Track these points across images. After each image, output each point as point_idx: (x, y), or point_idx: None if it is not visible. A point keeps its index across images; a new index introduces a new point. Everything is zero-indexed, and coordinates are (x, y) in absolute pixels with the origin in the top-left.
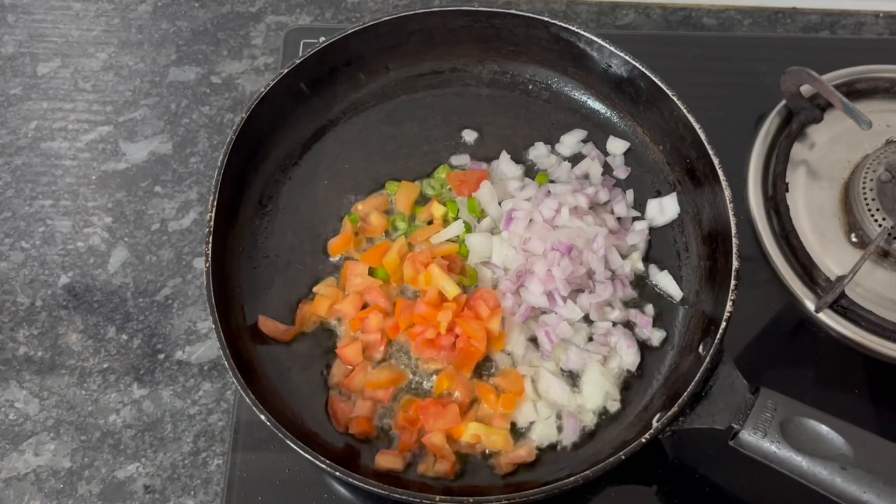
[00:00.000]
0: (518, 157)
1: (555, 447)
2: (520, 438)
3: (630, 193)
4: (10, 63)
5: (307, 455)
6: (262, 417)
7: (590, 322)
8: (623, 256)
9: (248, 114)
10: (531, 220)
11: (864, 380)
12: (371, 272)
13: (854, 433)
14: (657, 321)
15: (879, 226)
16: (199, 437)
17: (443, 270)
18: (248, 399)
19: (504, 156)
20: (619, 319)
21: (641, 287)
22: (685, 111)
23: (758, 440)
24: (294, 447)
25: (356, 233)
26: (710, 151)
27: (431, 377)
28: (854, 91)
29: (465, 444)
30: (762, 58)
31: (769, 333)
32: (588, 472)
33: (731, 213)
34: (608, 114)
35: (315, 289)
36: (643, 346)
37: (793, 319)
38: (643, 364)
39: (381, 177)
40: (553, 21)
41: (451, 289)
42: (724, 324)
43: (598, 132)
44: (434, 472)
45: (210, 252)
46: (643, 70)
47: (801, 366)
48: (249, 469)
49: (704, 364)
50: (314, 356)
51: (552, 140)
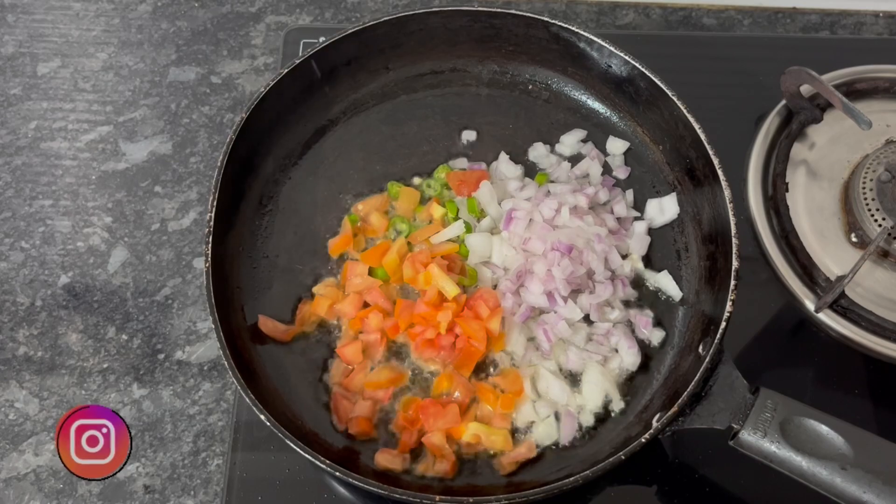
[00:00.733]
0: (518, 158)
1: (555, 447)
2: (519, 438)
3: (630, 193)
4: (10, 63)
5: (307, 455)
6: (262, 417)
7: (590, 322)
8: (623, 256)
9: (248, 114)
10: (531, 220)
11: (864, 380)
12: (371, 272)
13: (854, 433)
14: (657, 321)
15: (879, 226)
16: (199, 437)
17: (442, 270)
18: (248, 399)
19: (503, 156)
20: (619, 319)
21: (641, 287)
22: (685, 111)
23: (758, 440)
24: (294, 447)
25: (356, 233)
26: (710, 151)
27: (431, 377)
28: (854, 91)
29: (466, 444)
30: (762, 58)
31: (769, 333)
32: (588, 472)
33: (731, 214)
34: (608, 114)
35: (315, 289)
36: (643, 347)
37: (793, 319)
38: (643, 364)
39: (381, 177)
40: (553, 21)
41: (451, 289)
42: (724, 324)
43: (598, 132)
44: (434, 472)
45: (210, 252)
46: (643, 70)
47: (801, 366)
48: (249, 469)
49: (704, 364)
50: (314, 356)
51: (552, 140)
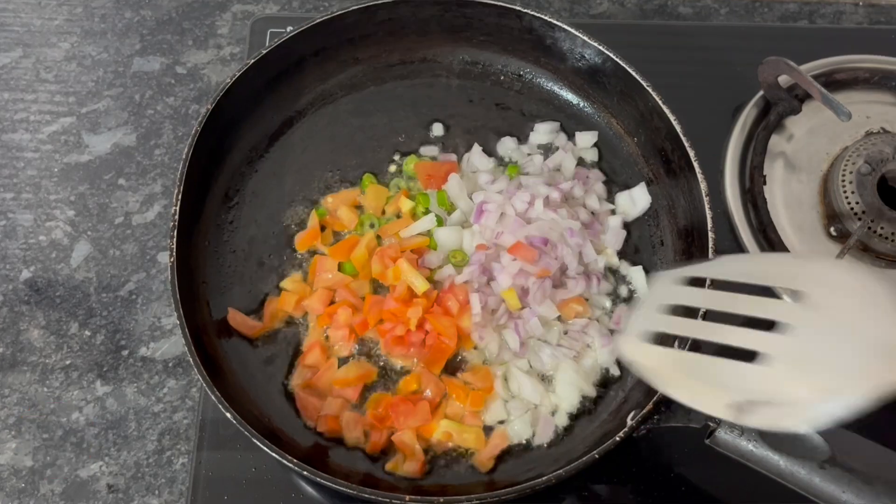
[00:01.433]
0: (489, 149)
1: (528, 446)
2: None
3: (603, 186)
4: None
5: (274, 454)
6: (228, 415)
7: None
8: (597, 251)
9: (214, 105)
10: (503, 214)
11: None
12: (340, 267)
13: (832, 431)
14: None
15: (859, 219)
16: (164, 436)
17: (412, 265)
18: (214, 396)
19: (476, 148)
20: (594, 315)
21: (616, 282)
22: (660, 102)
23: (734, 438)
24: (260, 445)
25: (324, 226)
26: (686, 143)
27: (401, 374)
28: (833, 81)
29: (437, 442)
30: (739, 48)
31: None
32: (561, 472)
33: (707, 207)
34: (581, 105)
35: (282, 284)
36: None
37: None
38: (618, 361)
39: (349, 169)
40: (525, 10)
41: (421, 284)
42: (700, 319)
43: (571, 123)
44: (402, 471)
45: (175, 246)
46: (617, 60)
47: None
48: (215, 468)
49: None
50: (281, 352)
51: (524, 131)
